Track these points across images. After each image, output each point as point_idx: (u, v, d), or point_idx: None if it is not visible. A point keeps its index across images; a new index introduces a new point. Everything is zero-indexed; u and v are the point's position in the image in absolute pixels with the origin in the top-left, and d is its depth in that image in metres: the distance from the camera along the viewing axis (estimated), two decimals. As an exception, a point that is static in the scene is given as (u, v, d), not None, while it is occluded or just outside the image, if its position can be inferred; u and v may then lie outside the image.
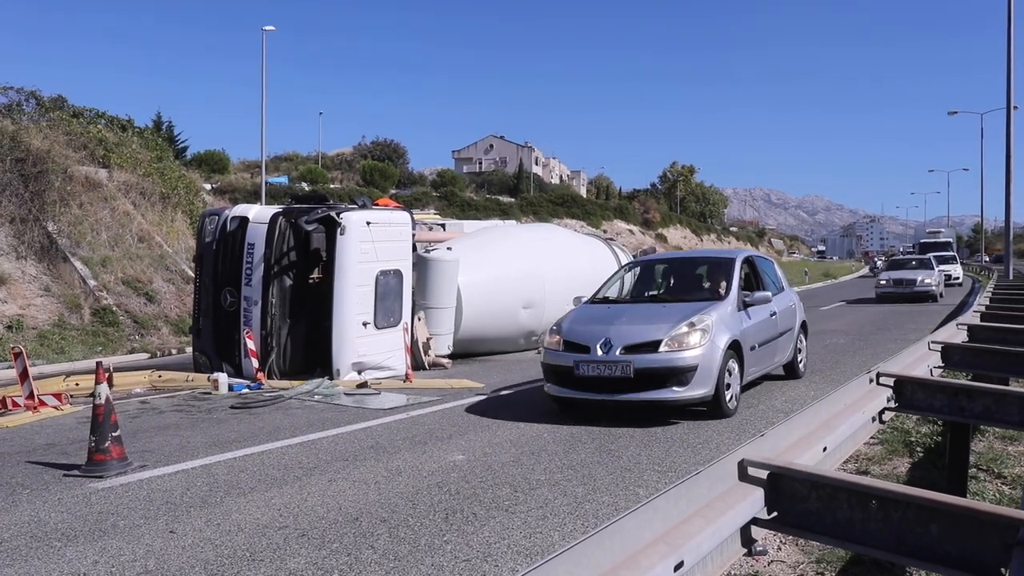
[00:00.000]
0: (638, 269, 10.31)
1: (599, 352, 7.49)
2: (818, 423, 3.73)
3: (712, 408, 7.60)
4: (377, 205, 15.25)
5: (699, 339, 7.44)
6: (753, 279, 9.37)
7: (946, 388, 4.65)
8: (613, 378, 7.42)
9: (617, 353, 7.41)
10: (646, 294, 9.59)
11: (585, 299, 9.12)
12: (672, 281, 9.89)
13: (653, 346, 7.42)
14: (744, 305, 8.43)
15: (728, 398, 7.67)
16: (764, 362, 8.91)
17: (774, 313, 9.13)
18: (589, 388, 7.58)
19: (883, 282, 26.25)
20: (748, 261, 9.48)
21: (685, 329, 7.49)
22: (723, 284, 8.57)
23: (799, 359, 10.09)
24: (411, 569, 4.04)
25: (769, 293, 9.05)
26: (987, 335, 7.96)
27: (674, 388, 7.32)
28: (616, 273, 10.29)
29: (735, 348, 7.87)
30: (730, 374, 7.71)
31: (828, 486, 2.70)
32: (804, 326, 10.36)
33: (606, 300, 9.13)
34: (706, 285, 9.08)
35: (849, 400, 4.24)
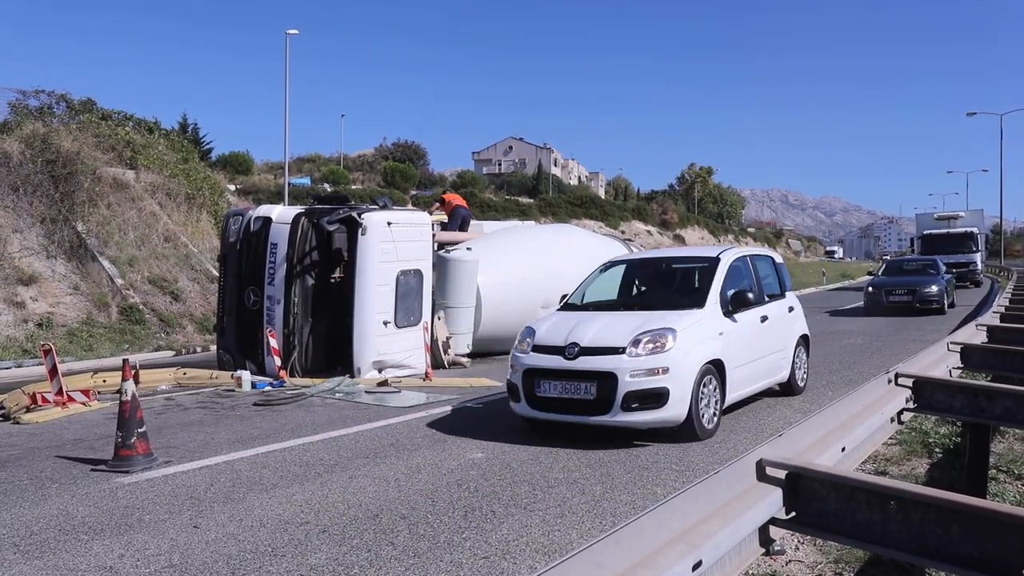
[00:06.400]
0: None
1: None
2: (836, 423, 3.72)
3: None
4: (444, 199, 15.92)
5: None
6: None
7: (966, 389, 4.62)
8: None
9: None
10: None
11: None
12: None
13: None
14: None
15: None
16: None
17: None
18: None
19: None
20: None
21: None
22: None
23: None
24: (430, 566, 4.09)
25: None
26: (1007, 336, 7.85)
27: None
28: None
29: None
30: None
31: (847, 486, 2.69)
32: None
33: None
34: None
35: (867, 401, 4.23)
